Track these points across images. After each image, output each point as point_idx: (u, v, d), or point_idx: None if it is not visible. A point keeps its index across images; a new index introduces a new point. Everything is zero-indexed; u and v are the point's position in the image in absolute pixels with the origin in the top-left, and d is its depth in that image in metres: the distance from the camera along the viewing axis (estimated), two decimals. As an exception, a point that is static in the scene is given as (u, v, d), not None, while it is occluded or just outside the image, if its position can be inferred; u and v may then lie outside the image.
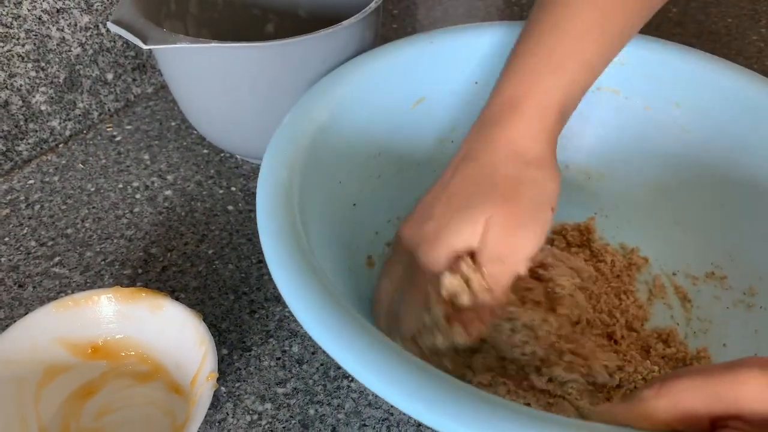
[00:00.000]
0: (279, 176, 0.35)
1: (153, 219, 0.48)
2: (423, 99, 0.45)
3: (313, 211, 0.35)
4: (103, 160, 0.54)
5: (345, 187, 0.41)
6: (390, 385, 0.25)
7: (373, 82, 0.43)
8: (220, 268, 0.45)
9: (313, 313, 0.27)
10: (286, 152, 0.37)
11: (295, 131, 0.38)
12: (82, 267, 0.45)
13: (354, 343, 0.26)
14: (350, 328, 0.27)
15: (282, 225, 0.32)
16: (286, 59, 0.43)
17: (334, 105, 0.40)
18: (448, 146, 0.47)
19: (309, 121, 0.39)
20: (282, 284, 0.29)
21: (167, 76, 0.48)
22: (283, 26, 0.59)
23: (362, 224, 0.42)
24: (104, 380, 0.38)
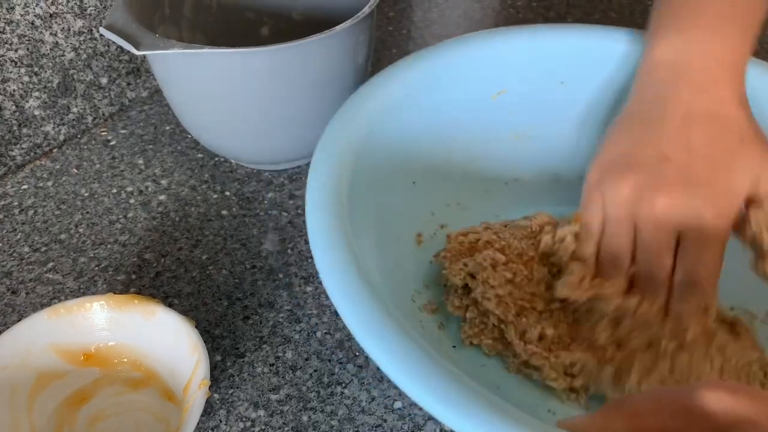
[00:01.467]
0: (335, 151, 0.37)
1: (147, 224, 0.48)
2: (504, 91, 0.46)
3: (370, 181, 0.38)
4: (98, 164, 0.54)
5: (409, 164, 0.43)
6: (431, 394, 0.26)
7: (458, 66, 0.44)
8: (214, 273, 0.45)
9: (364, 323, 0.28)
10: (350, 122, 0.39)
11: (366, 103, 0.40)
12: (75, 273, 0.45)
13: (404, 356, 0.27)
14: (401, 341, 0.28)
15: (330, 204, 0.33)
16: (279, 64, 0.43)
17: (412, 83, 0.42)
18: (525, 142, 0.47)
19: (382, 97, 0.41)
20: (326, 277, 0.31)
21: (161, 82, 0.48)
22: (278, 29, 0.59)
23: (420, 202, 0.44)
24: (97, 387, 0.37)
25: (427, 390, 0.26)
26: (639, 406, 0.23)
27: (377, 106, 0.41)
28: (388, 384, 0.38)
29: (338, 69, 0.46)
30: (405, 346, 0.28)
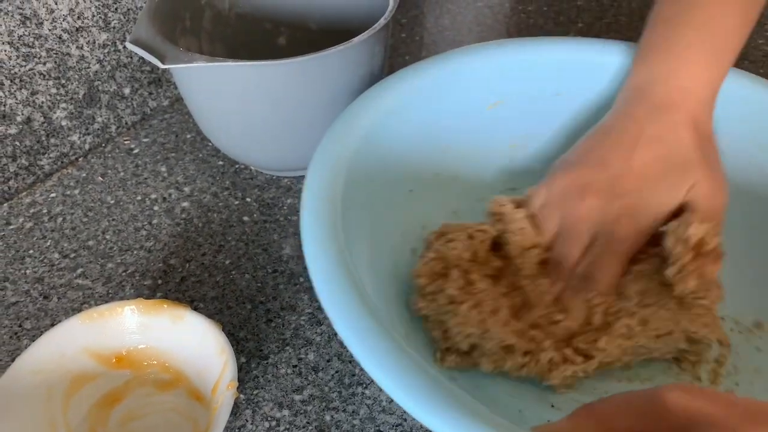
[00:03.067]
0: (330, 159, 0.38)
1: (171, 230, 0.50)
2: (500, 101, 0.47)
3: (365, 189, 0.39)
4: (122, 172, 0.55)
5: (406, 172, 0.44)
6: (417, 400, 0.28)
7: (453, 77, 0.45)
8: (237, 278, 0.46)
9: (356, 334, 0.30)
10: (346, 131, 0.40)
11: (362, 113, 0.42)
12: (104, 278, 0.46)
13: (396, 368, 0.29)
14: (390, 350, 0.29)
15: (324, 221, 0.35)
16: (298, 75, 0.45)
17: (408, 93, 0.44)
18: (519, 152, 0.49)
19: (376, 107, 0.42)
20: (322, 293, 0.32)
21: (183, 92, 0.49)
22: (295, 39, 0.60)
23: (416, 210, 0.45)
24: (128, 388, 0.39)
25: (407, 395, 0.28)
26: (607, 410, 0.25)
27: (373, 115, 0.42)
28: (407, 384, 0.40)
29: (355, 78, 0.47)
30: (394, 356, 0.29)
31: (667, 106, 0.40)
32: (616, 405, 0.25)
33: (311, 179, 0.37)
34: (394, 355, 0.29)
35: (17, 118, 0.50)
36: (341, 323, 0.31)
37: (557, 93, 0.48)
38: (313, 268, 0.33)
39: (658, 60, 0.41)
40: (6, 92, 0.49)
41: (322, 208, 0.36)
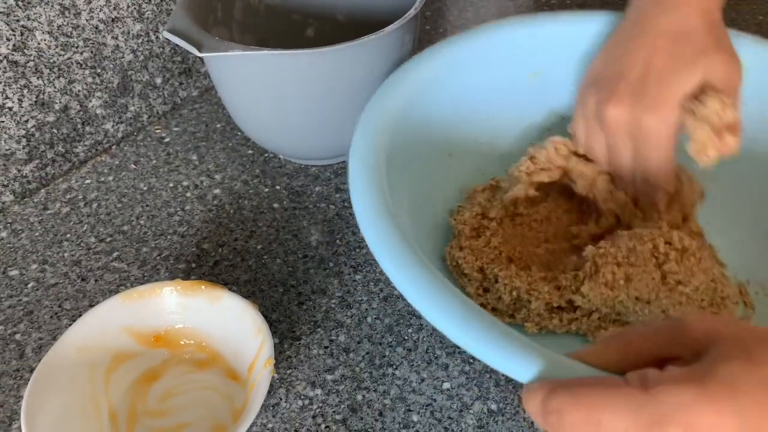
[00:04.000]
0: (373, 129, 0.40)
1: (203, 216, 0.51)
2: (540, 71, 0.49)
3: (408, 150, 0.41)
4: (154, 160, 0.57)
5: (446, 137, 0.46)
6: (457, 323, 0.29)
7: (494, 47, 0.47)
8: (269, 262, 0.47)
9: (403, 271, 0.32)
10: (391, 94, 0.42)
11: (408, 77, 0.43)
12: (139, 262, 0.48)
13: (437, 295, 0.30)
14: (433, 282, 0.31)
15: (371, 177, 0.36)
16: (332, 64, 0.45)
17: (448, 61, 0.45)
18: (557, 121, 0.50)
19: (415, 77, 0.44)
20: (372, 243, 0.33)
21: (216, 81, 0.51)
22: (323, 30, 0.61)
23: (454, 174, 0.47)
24: (166, 367, 0.40)
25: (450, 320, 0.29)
26: (632, 336, 0.26)
27: (417, 81, 0.44)
28: (436, 366, 0.41)
29: (385, 68, 0.48)
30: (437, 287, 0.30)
31: (681, 3, 0.40)
32: (640, 331, 0.26)
33: (358, 136, 0.39)
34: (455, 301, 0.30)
35: (55, 106, 0.52)
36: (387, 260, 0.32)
37: None
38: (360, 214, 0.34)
39: None
40: (45, 80, 0.50)
41: (368, 161, 0.37)
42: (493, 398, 0.39)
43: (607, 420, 0.22)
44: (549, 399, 0.24)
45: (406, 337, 0.42)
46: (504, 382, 0.40)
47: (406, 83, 0.43)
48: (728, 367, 0.22)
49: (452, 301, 0.30)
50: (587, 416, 0.23)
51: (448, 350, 0.42)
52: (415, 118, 0.43)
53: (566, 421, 0.23)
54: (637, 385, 0.23)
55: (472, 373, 0.40)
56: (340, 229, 0.50)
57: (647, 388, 0.22)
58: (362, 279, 0.46)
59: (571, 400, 0.23)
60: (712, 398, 0.21)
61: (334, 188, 0.54)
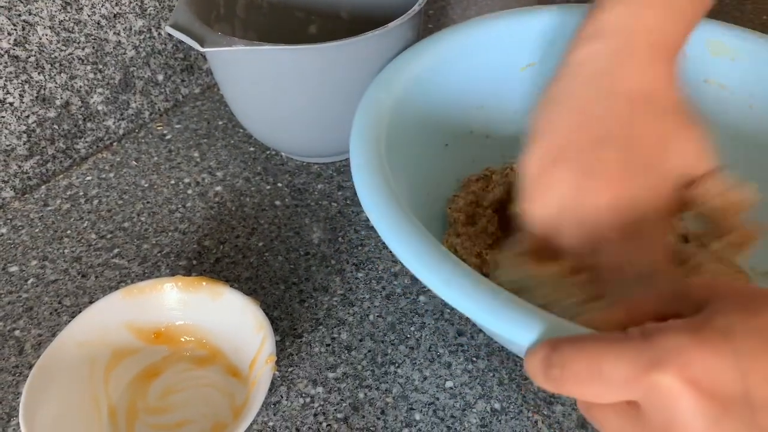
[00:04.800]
0: (371, 116, 0.40)
1: (205, 213, 0.51)
2: (533, 64, 0.49)
3: (404, 139, 0.41)
4: (155, 157, 0.56)
5: (442, 127, 0.46)
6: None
7: (490, 38, 0.47)
8: (270, 259, 0.47)
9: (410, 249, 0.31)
10: (388, 84, 0.42)
11: (403, 69, 0.43)
12: (140, 258, 0.47)
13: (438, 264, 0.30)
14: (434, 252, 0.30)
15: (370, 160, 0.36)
16: (336, 60, 0.45)
17: (441, 53, 0.45)
18: None
19: (413, 65, 0.44)
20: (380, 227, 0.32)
21: (219, 77, 0.50)
22: (325, 27, 0.61)
23: (450, 164, 0.47)
24: (166, 363, 0.40)
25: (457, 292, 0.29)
26: (636, 300, 0.27)
27: (414, 71, 0.44)
28: (439, 364, 0.40)
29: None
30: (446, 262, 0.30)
31: (654, 62, 0.35)
32: (644, 294, 0.27)
33: (359, 119, 0.39)
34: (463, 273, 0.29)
35: (56, 101, 0.51)
36: (391, 236, 0.31)
37: None
38: (366, 201, 0.34)
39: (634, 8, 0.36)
40: (47, 76, 0.50)
41: (369, 145, 0.37)
42: (496, 397, 0.39)
43: (608, 368, 0.23)
44: (552, 354, 0.25)
45: (408, 335, 0.42)
46: (507, 381, 0.39)
47: (402, 75, 0.43)
48: (726, 316, 0.22)
49: (455, 270, 0.29)
50: (589, 366, 0.23)
51: (451, 348, 0.41)
52: (411, 110, 0.43)
53: (568, 373, 0.24)
54: (638, 335, 0.23)
55: (475, 371, 0.40)
56: (342, 226, 0.50)
57: (647, 336, 0.23)
58: (364, 277, 0.46)
59: (574, 353, 0.24)
60: (708, 341, 0.22)
61: (336, 186, 0.53)
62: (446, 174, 0.47)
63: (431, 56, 0.45)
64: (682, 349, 0.22)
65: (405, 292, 0.45)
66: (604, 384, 0.23)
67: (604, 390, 0.23)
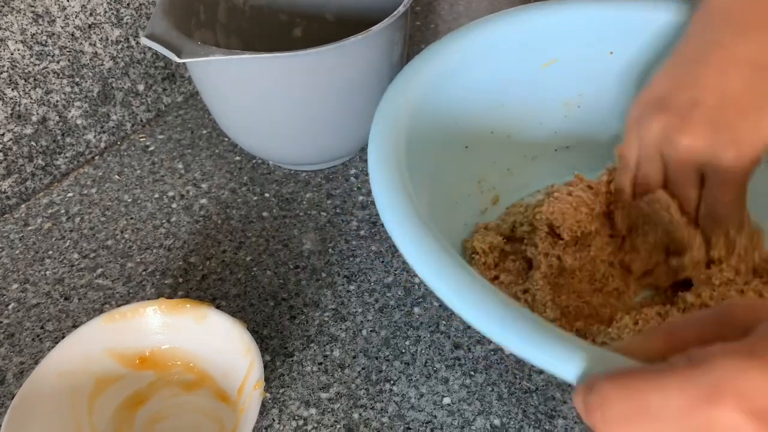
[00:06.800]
0: (390, 120, 0.38)
1: (190, 228, 0.49)
2: (555, 60, 0.47)
3: (425, 143, 0.40)
4: (138, 170, 0.55)
5: (462, 129, 0.45)
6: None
7: (510, 35, 0.46)
8: (259, 274, 0.46)
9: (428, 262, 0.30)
10: (407, 86, 0.41)
11: (422, 70, 0.42)
12: (124, 278, 0.46)
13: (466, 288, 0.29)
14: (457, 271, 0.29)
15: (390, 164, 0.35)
16: (317, 67, 0.44)
17: (463, 52, 0.44)
18: (574, 110, 0.49)
19: (431, 67, 0.42)
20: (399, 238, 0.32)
21: (200, 87, 0.49)
22: (311, 30, 0.59)
23: (471, 166, 0.46)
24: (152, 390, 0.38)
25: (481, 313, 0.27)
26: (676, 325, 0.25)
27: (432, 72, 0.42)
28: (435, 380, 0.39)
29: (374, 69, 0.46)
30: (476, 285, 0.28)
31: (757, 29, 0.37)
32: (684, 319, 0.25)
33: (376, 131, 0.38)
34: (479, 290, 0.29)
35: (32, 117, 0.50)
36: (421, 263, 0.30)
37: (611, 51, 0.48)
38: (384, 210, 0.33)
39: None
40: (21, 92, 0.48)
41: (387, 154, 0.36)
42: (496, 413, 0.37)
43: (656, 404, 0.20)
44: (589, 395, 0.22)
45: (403, 350, 0.41)
46: (507, 395, 0.38)
47: (420, 76, 0.42)
48: None
49: (488, 297, 0.28)
50: (633, 405, 0.21)
51: (448, 363, 0.40)
52: (431, 111, 0.42)
53: (611, 415, 0.21)
54: (684, 364, 0.21)
55: (474, 386, 0.39)
56: (332, 237, 0.48)
57: (695, 363, 0.21)
58: (356, 289, 0.44)
59: (613, 392, 0.22)
60: (765, 364, 0.19)
61: (326, 194, 0.52)
62: (467, 177, 0.46)
63: (449, 57, 0.44)
64: (736, 375, 0.20)
65: (399, 304, 0.43)
66: (653, 422, 0.21)
67: (654, 429, 0.21)
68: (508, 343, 0.27)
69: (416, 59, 0.43)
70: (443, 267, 0.29)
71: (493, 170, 0.48)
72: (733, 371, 0.20)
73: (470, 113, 0.45)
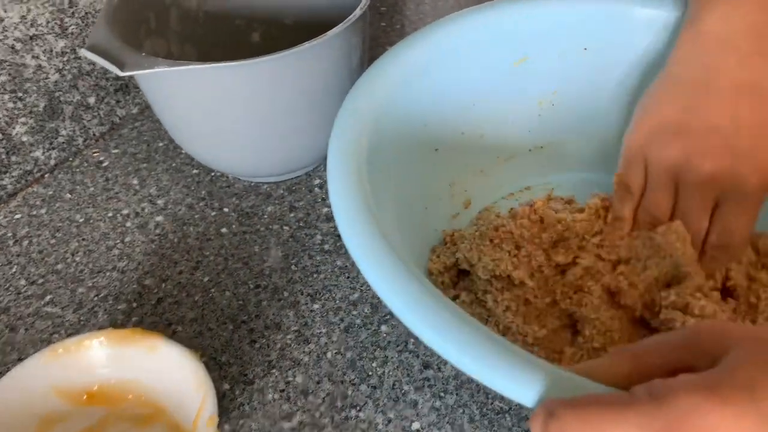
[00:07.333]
0: (352, 125, 0.37)
1: (145, 248, 0.47)
2: (526, 58, 0.46)
3: (391, 149, 0.38)
4: (91, 188, 0.52)
5: (431, 131, 0.43)
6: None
7: (480, 33, 0.44)
8: (217, 296, 0.43)
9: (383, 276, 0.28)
10: (371, 89, 0.39)
11: (385, 72, 0.40)
12: (74, 304, 0.43)
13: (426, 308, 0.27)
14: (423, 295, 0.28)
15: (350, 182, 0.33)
16: (271, 75, 0.41)
17: (429, 52, 0.42)
18: (548, 108, 0.47)
19: (395, 69, 0.41)
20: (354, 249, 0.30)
21: (151, 101, 0.46)
22: (270, 34, 0.57)
23: (442, 169, 0.44)
24: (103, 426, 0.36)
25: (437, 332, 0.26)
26: (643, 348, 0.24)
27: (398, 73, 0.41)
28: (404, 404, 0.37)
29: (332, 75, 0.44)
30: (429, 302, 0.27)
31: (758, 55, 0.38)
32: (651, 342, 0.24)
33: (334, 142, 0.36)
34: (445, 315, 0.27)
35: (-28, 136, 0.47)
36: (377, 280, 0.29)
37: (584, 47, 0.46)
38: (343, 227, 0.31)
39: (737, 5, 0.38)
40: (-43, 110, 0.45)
41: (347, 165, 0.34)
42: (467, 437, 0.35)
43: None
44: (549, 422, 0.21)
45: (370, 372, 0.39)
46: (479, 417, 0.36)
47: (384, 79, 0.40)
48: (747, 370, 0.20)
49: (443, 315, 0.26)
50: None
51: (417, 384, 0.38)
52: (397, 114, 0.40)
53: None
54: (644, 397, 0.20)
55: (444, 408, 0.37)
56: (295, 252, 0.46)
57: (656, 397, 0.20)
58: (320, 308, 0.42)
59: (573, 422, 0.21)
60: (730, 401, 0.19)
61: (288, 207, 0.49)
62: (438, 180, 0.44)
63: (415, 57, 0.42)
64: (696, 415, 0.19)
65: (365, 323, 0.41)
66: None
67: None
68: (461, 364, 0.25)
69: (379, 61, 0.41)
70: (400, 285, 0.28)
71: (465, 172, 0.46)
72: (694, 410, 0.19)
73: (440, 114, 0.44)
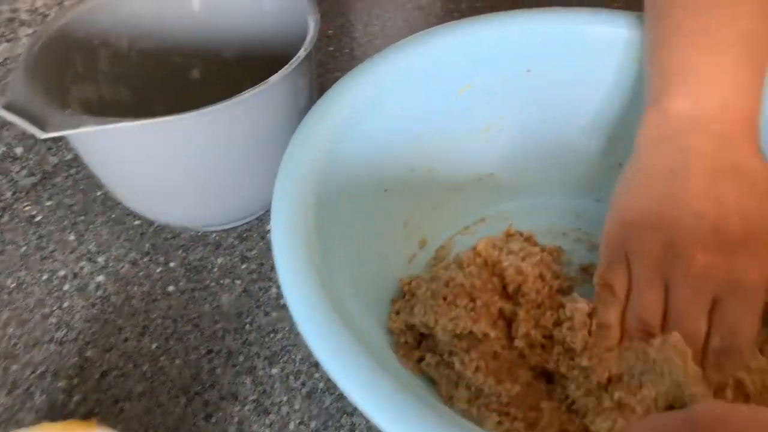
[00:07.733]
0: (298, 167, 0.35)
1: (86, 314, 0.43)
2: (470, 86, 0.44)
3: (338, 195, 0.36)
4: (23, 247, 0.48)
5: (378, 171, 0.41)
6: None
7: (418, 65, 0.42)
8: (167, 365, 0.40)
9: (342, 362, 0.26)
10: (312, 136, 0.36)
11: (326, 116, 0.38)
12: (8, 385, 0.39)
13: None
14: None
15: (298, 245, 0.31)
16: (210, 126, 0.38)
17: (365, 92, 0.40)
18: (496, 135, 0.46)
19: (343, 106, 0.38)
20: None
21: (81, 154, 0.43)
22: (209, 71, 0.53)
23: (394, 209, 0.42)
24: None
25: None
26: (642, 428, 0.24)
27: (336, 118, 0.38)
28: (375, 477, 0.34)
29: (279, 119, 0.41)
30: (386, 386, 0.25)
31: (733, 136, 0.34)
32: (650, 422, 0.24)
33: (279, 191, 0.33)
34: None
35: None
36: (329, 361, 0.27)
37: (528, 69, 0.44)
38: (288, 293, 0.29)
39: (706, 84, 0.35)
40: None
41: (292, 220, 0.32)
42: None
43: None
44: None
45: (336, 442, 0.36)
46: (455, 485, 0.34)
47: (327, 122, 0.37)
48: None
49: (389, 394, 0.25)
50: None
51: (387, 453, 0.35)
52: (344, 157, 0.37)
53: None
54: None
55: (418, 479, 0.34)
56: (249, 310, 0.43)
57: None
58: (279, 373, 0.39)
59: None
60: None
61: (239, 258, 0.46)
62: (391, 222, 0.42)
63: (357, 94, 0.39)
64: None
65: (329, 387, 0.38)
66: None
67: None
68: None
69: (320, 102, 0.39)
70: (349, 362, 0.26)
71: (419, 210, 0.44)
72: None
73: (387, 152, 0.41)
